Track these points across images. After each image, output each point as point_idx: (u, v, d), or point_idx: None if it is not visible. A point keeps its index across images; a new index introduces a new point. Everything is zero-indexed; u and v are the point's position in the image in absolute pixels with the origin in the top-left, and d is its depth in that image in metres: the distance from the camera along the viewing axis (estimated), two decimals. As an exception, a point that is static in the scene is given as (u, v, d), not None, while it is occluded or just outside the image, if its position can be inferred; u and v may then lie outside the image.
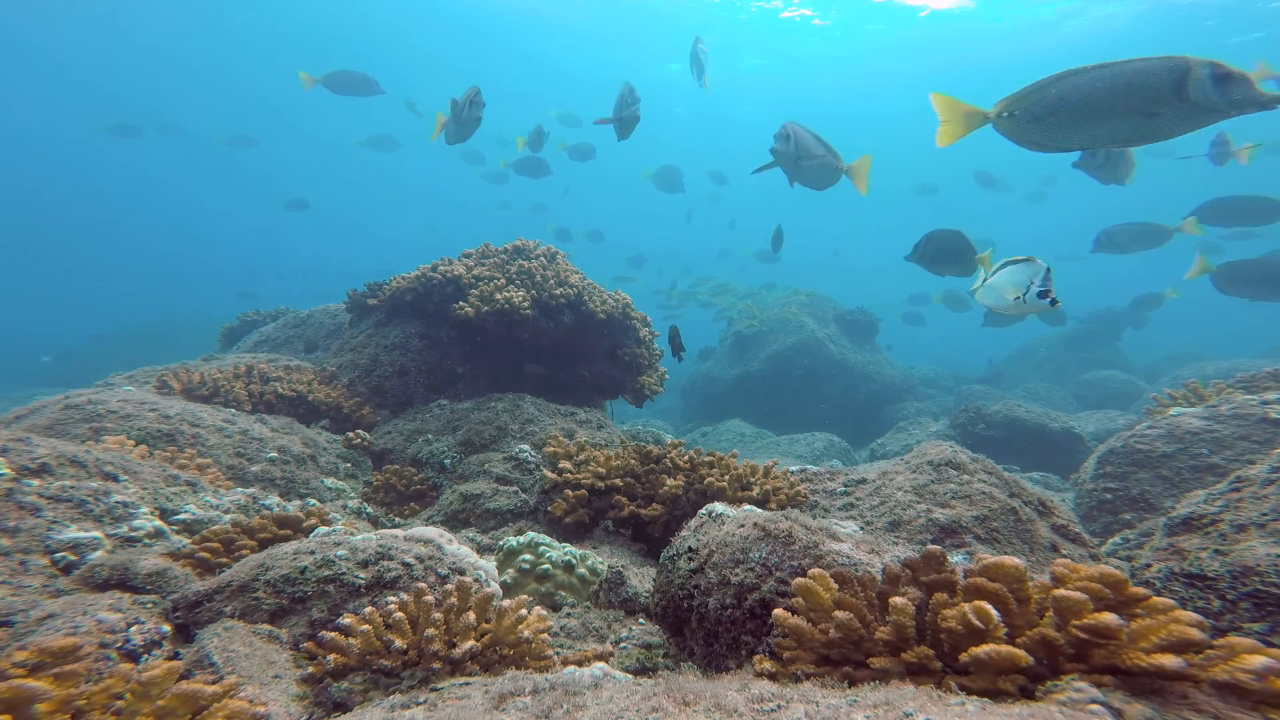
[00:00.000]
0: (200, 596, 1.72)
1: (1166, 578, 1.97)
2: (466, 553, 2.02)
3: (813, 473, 3.07)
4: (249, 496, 2.73)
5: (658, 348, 5.32)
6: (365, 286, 5.24)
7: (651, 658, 1.80)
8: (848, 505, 2.74)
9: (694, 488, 2.81)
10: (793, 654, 1.32)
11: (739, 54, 23.51)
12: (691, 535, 1.94)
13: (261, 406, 4.11)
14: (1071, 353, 12.25)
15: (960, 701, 0.93)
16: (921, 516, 2.43)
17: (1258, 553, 1.77)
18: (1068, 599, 1.07)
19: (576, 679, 1.25)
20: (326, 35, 22.40)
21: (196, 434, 3.24)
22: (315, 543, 1.87)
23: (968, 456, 2.75)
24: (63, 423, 3.06)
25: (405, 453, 4.02)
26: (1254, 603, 1.71)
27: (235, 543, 2.13)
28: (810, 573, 1.38)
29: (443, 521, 3.20)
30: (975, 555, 2.19)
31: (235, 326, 7.11)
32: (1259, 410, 3.18)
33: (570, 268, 5.11)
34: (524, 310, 4.56)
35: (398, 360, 4.74)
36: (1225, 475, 2.71)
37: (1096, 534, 3.33)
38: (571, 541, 2.73)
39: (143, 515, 2.16)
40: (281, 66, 22.12)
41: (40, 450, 2.20)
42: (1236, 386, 4.08)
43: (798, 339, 10.40)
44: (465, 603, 1.62)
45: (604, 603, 2.23)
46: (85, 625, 1.49)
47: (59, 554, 1.87)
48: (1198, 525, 2.09)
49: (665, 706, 0.99)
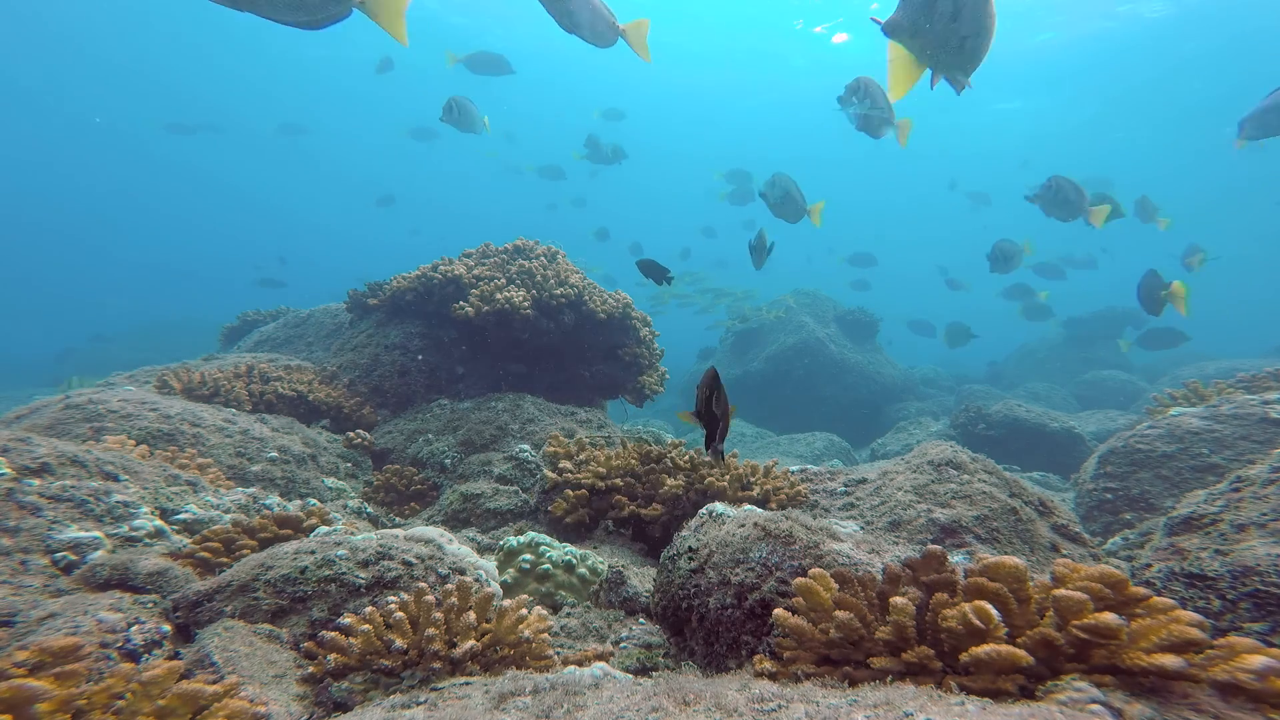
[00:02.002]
0: (201, 596, 1.72)
1: (1167, 577, 1.97)
2: (467, 552, 2.02)
3: (813, 472, 3.07)
4: (250, 496, 2.73)
5: (658, 347, 5.32)
6: (366, 286, 5.24)
7: (652, 657, 1.80)
8: (848, 505, 2.74)
9: (694, 487, 2.81)
10: (793, 654, 1.32)
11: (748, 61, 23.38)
12: (692, 535, 1.94)
13: (262, 406, 4.11)
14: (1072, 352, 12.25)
15: (960, 701, 0.93)
16: (922, 516, 2.43)
17: (1258, 552, 1.77)
18: (1068, 599, 1.07)
19: (577, 679, 1.25)
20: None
21: (197, 434, 3.24)
22: (316, 542, 1.87)
23: (968, 456, 2.75)
24: (63, 422, 3.06)
25: (406, 452, 4.02)
26: (1254, 602, 1.71)
27: (236, 542, 2.13)
28: (811, 572, 1.38)
29: (443, 521, 3.20)
30: (976, 555, 2.19)
31: (235, 326, 7.12)
32: (1259, 410, 3.18)
33: (570, 267, 5.11)
34: (524, 310, 4.56)
35: (398, 360, 4.74)
36: (1226, 475, 2.71)
37: (1097, 534, 3.33)
38: (572, 541, 2.73)
39: (143, 515, 2.17)
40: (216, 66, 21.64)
41: (41, 450, 2.20)
42: (1237, 386, 4.09)
43: (798, 339, 10.40)
44: (466, 602, 1.62)
45: (604, 602, 2.23)
46: (86, 625, 1.49)
47: (60, 554, 1.87)
48: (1198, 525, 2.09)
49: (665, 706, 0.99)
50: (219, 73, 26.64)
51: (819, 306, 11.47)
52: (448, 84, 7.58)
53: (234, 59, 25.28)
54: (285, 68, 26.25)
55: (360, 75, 21.05)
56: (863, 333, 11.36)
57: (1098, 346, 12.09)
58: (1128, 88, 21.80)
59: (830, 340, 10.57)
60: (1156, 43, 18.63)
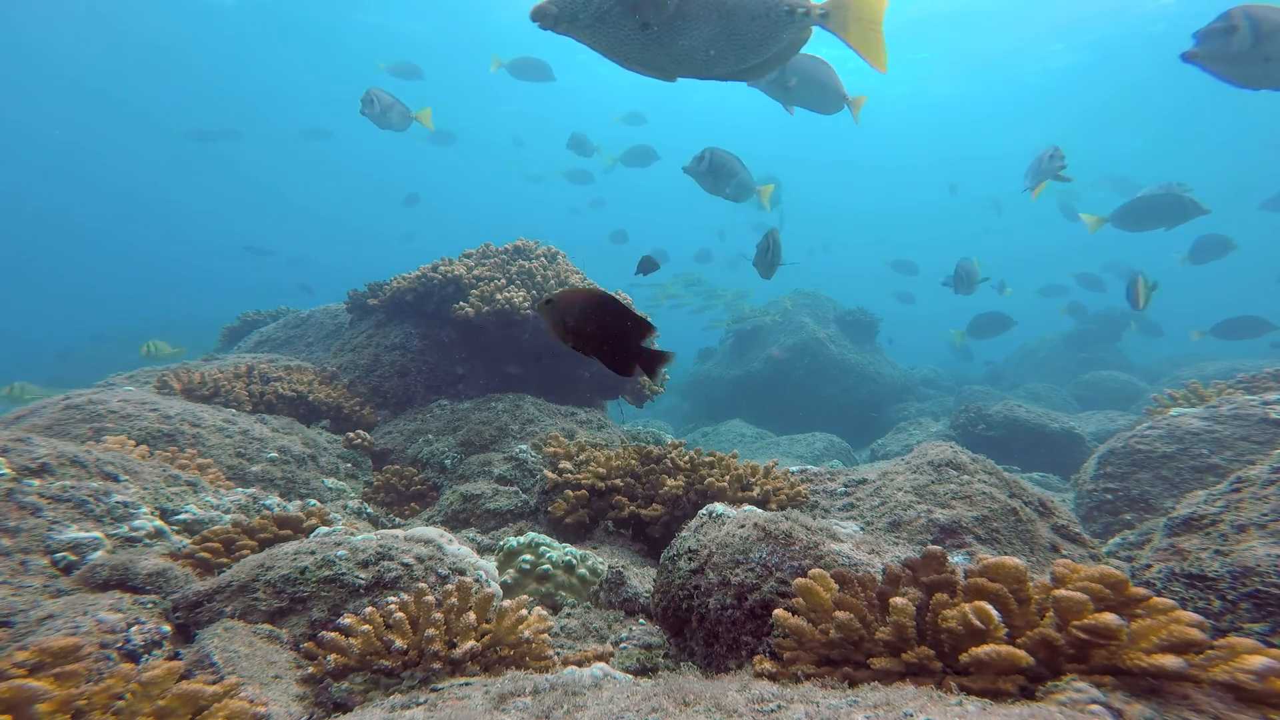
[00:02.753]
0: (201, 596, 1.72)
1: (1167, 578, 1.97)
2: (467, 553, 2.02)
3: (813, 473, 3.07)
4: (249, 496, 2.74)
5: (658, 348, 5.32)
6: (366, 286, 5.24)
7: (652, 658, 1.80)
8: (848, 505, 2.73)
9: (694, 488, 2.81)
10: (793, 654, 1.32)
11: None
12: (692, 536, 1.94)
13: (262, 406, 4.11)
14: (1072, 353, 12.25)
15: (960, 702, 0.93)
16: (922, 517, 2.43)
17: (1258, 553, 1.77)
18: (1068, 599, 1.07)
19: (577, 679, 1.25)
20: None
21: (197, 434, 3.24)
22: (316, 543, 1.87)
23: (968, 457, 2.75)
24: (63, 423, 3.06)
25: (406, 453, 4.02)
26: (1254, 603, 1.71)
27: (236, 543, 2.13)
28: (811, 573, 1.38)
29: (443, 522, 3.20)
30: (976, 555, 2.19)
31: (235, 326, 7.12)
32: (1259, 410, 3.18)
33: (571, 268, 5.11)
34: (524, 310, 4.56)
35: (398, 360, 4.74)
36: (1226, 476, 2.71)
37: (1097, 534, 3.33)
38: (572, 542, 2.73)
39: (143, 515, 2.17)
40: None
41: (41, 450, 2.20)
42: (1237, 387, 4.08)
43: (798, 339, 10.40)
44: (466, 603, 1.62)
45: (604, 603, 2.23)
46: (86, 625, 1.49)
47: (59, 554, 1.87)
48: (1198, 526, 2.09)
49: (665, 707, 0.99)
50: (244, 75, 26.60)
51: (819, 307, 11.47)
52: (467, 87, 7.65)
53: (256, 62, 25.25)
54: (305, 71, 26.18)
55: (380, 78, 21.13)
56: (863, 333, 11.36)
57: (1098, 347, 12.09)
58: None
59: (830, 340, 10.57)
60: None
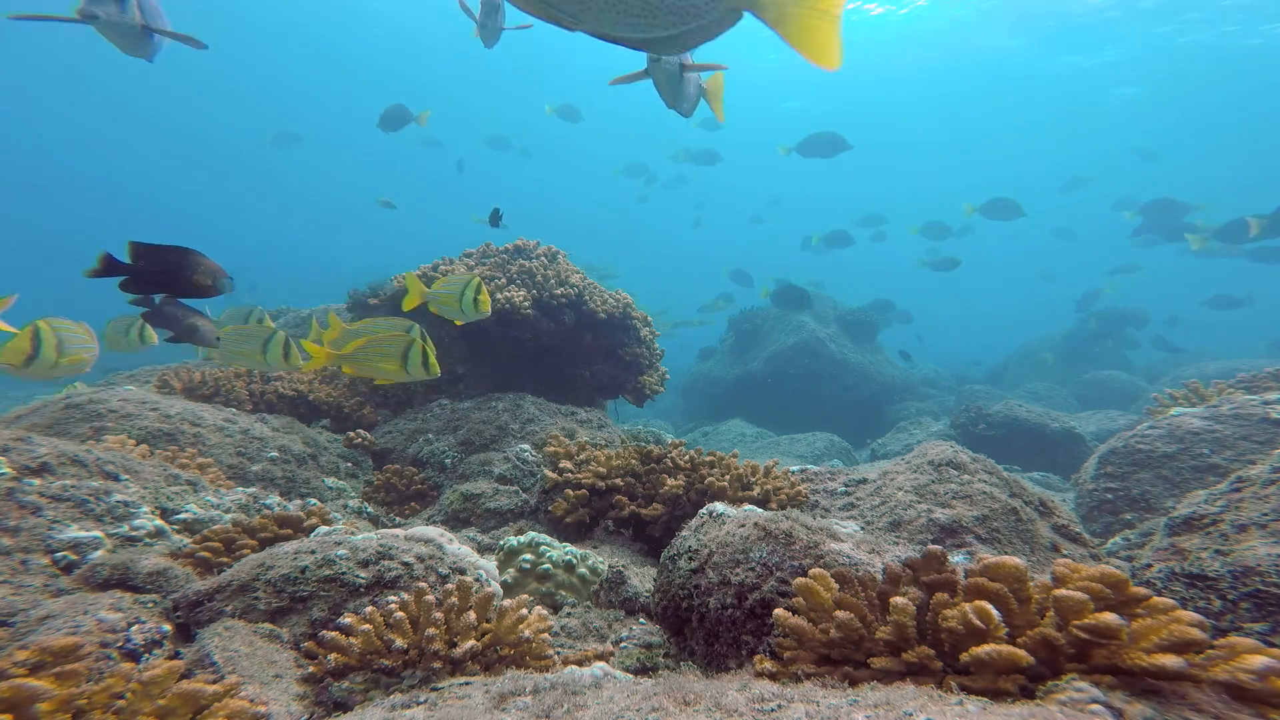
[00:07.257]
0: (201, 596, 1.72)
1: (1167, 578, 1.97)
2: (467, 552, 2.02)
3: (813, 472, 3.07)
4: (250, 496, 2.73)
5: (658, 348, 5.32)
6: (367, 286, 5.24)
7: (652, 657, 1.80)
8: (848, 505, 2.73)
9: (695, 487, 2.81)
10: (793, 654, 1.32)
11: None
12: (692, 535, 1.94)
13: (262, 406, 4.11)
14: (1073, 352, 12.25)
15: (960, 701, 0.93)
16: (922, 516, 2.43)
17: (1259, 553, 1.77)
18: (1069, 599, 1.07)
19: (577, 678, 1.25)
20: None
21: (197, 433, 3.24)
22: (316, 542, 1.87)
23: (968, 456, 2.75)
24: (64, 422, 3.06)
25: (406, 452, 4.02)
26: (1255, 603, 1.71)
27: (236, 542, 2.13)
28: (811, 572, 1.38)
29: (443, 521, 3.20)
30: (976, 555, 2.19)
31: (236, 326, 7.11)
32: (1260, 410, 3.18)
33: (571, 267, 5.11)
34: (525, 310, 4.56)
35: (398, 360, 4.74)
36: (1226, 475, 2.71)
37: (1097, 534, 3.33)
38: (572, 541, 2.73)
39: (144, 514, 2.17)
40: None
41: (41, 449, 2.20)
42: (1237, 386, 4.08)
43: (798, 339, 10.39)
44: (466, 602, 1.62)
45: (604, 602, 2.23)
46: (86, 624, 1.49)
47: (60, 553, 1.87)
48: (1198, 525, 2.08)
49: (666, 706, 0.99)
50: (245, 76, 26.58)
51: (819, 306, 11.47)
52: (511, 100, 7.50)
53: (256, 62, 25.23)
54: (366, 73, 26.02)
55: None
56: (863, 333, 11.36)
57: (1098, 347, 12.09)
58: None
59: (831, 340, 10.57)
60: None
